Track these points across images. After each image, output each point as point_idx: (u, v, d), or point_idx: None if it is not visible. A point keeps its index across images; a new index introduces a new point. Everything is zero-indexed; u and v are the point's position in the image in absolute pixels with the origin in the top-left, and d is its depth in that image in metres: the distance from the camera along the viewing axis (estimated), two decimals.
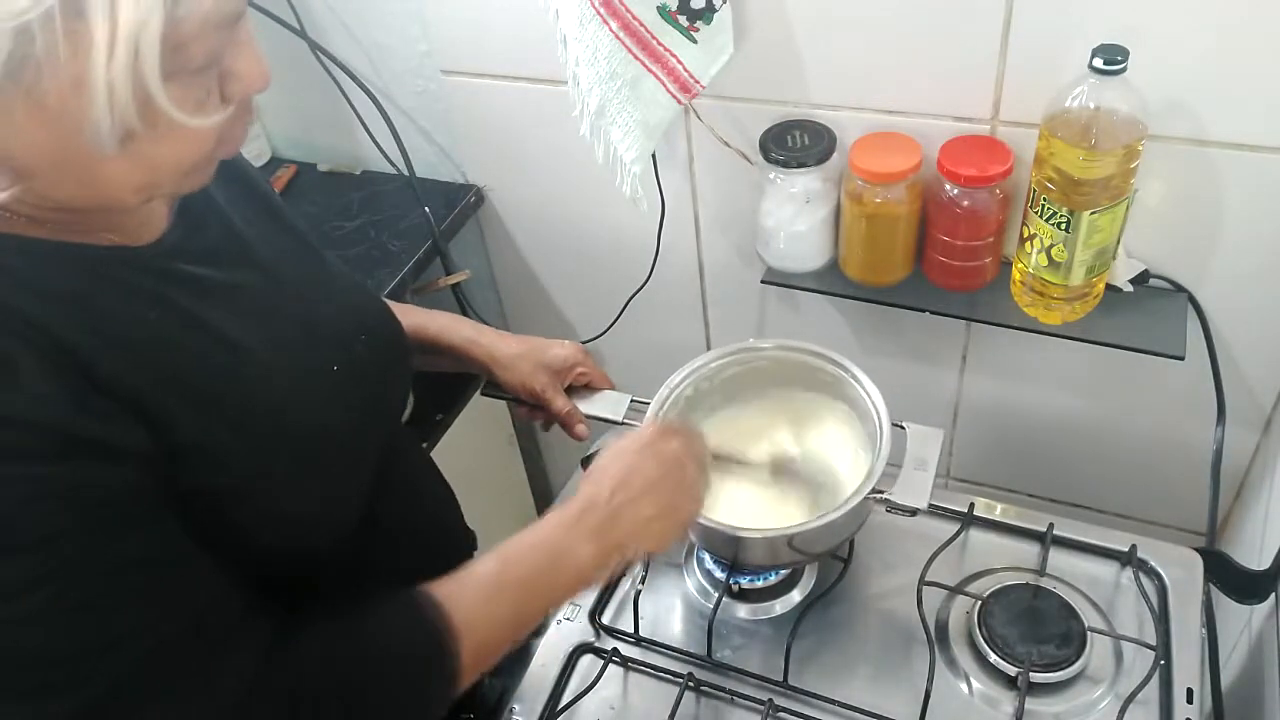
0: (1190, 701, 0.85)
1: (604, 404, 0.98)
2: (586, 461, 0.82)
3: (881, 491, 0.86)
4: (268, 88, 0.59)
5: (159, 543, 0.58)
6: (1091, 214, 0.96)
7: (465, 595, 0.68)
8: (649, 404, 0.95)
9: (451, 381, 1.41)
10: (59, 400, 0.54)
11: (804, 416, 0.99)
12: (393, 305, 0.89)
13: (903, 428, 0.89)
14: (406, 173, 1.40)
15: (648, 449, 0.80)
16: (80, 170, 0.54)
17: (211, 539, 0.62)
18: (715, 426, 1.00)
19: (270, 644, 0.61)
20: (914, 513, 0.85)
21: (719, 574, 0.96)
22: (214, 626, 0.59)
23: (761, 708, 0.88)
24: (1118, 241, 1.03)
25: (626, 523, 0.76)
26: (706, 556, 0.98)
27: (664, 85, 1.09)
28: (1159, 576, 0.95)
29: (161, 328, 0.62)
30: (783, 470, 0.96)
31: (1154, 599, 0.93)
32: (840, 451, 0.96)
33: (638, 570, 1.00)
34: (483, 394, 1.02)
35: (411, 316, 0.96)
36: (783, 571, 0.97)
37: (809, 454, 0.97)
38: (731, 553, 0.91)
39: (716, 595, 0.94)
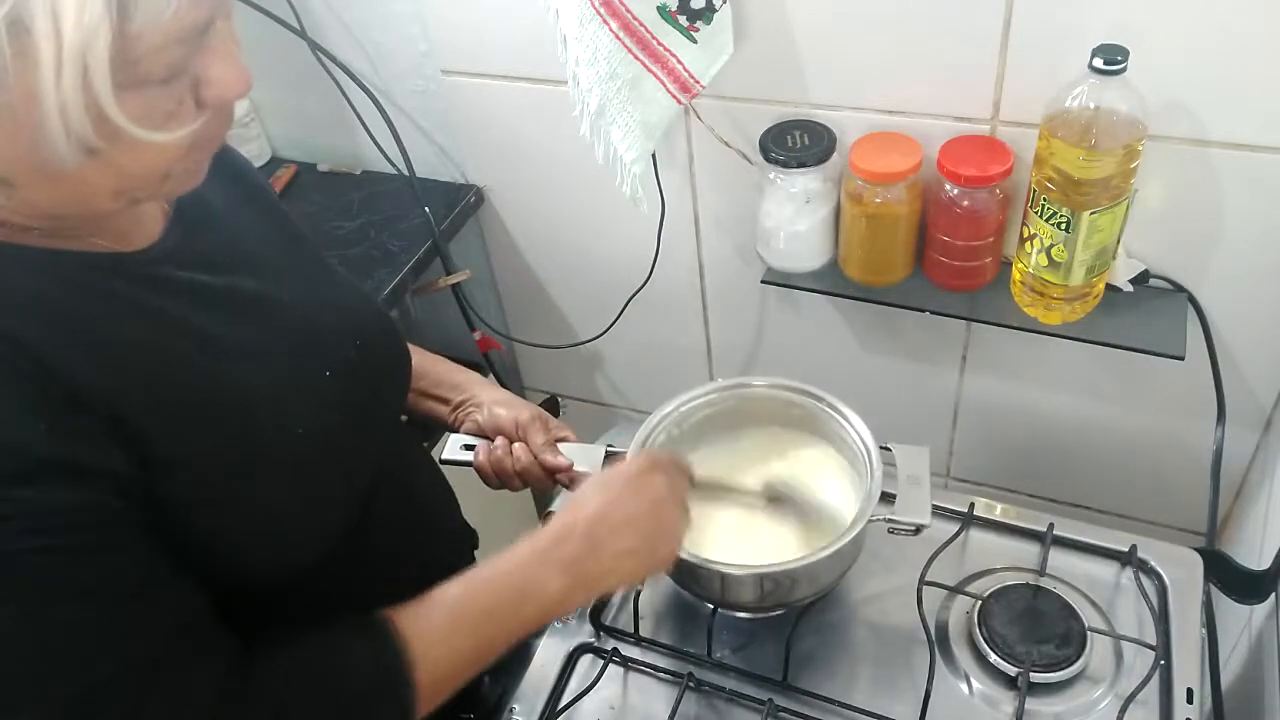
0: (1190, 701, 0.85)
1: (577, 456, 0.93)
2: (547, 518, 0.78)
3: (881, 516, 0.84)
4: (247, 93, 0.58)
5: (122, 569, 0.57)
6: (1091, 214, 0.96)
7: (426, 626, 0.67)
8: (624, 452, 0.92)
9: None
10: (27, 419, 0.53)
11: (783, 454, 0.97)
12: None
13: (889, 449, 0.89)
14: (406, 173, 1.40)
15: (632, 482, 0.78)
16: (55, 178, 0.53)
17: (194, 549, 0.61)
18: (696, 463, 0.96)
19: (228, 674, 0.60)
20: (918, 529, 0.84)
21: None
22: (173, 653, 0.58)
23: (761, 708, 0.88)
24: (1118, 241, 1.03)
25: (604, 557, 0.74)
26: None
27: (664, 85, 1.09)
28: (1159, 576, 0.95)
29: (147, 336, 0.61)
30: (778, 495, 0.92)
31: (1154, 599, 0.93)
32: (828, 486, 0.94)
33: None
34: (442, 461, 0.95)
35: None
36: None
37: (794, 491, 0.94)
38: (718, 592, 0.88)
39: None
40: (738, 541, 0.91)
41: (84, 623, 0.55)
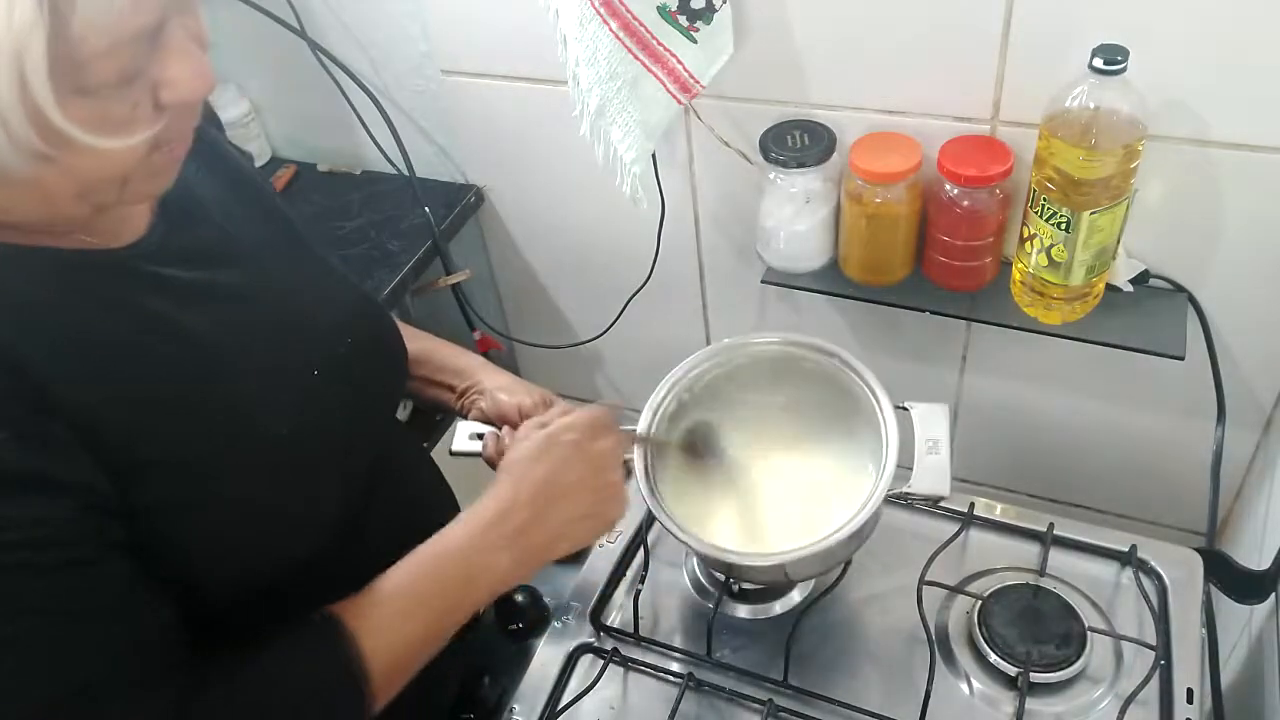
0: (1190, 701, 0.85)
1: None
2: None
3: (897, 490, 0.83)
4: (209, 93, 0.56)
5: (78, 588, 0.55)
6: (1091, 214, 0.96)
7: (375, 617, 0.66)
8: (633, 429, 0.91)
9: None
10: None
11: (796, 421, 0.96)
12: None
13: (906, 409, 0.87)
14: (406, 173, 1.40)
15: (571, 444, 0.77)
16: (13, 184, 0.51)
17: (184, 552, 0.61)
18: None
19: (182, 696, 0.58)
20: (938, 500, 0.82)
21: (720, 574, 0.95)
22: (131, 674, 0.57)
23: (761, 708, 0.88)
24: (1118, 241, 1.03)
25: (550, 525, 0.74)
26: None
27: (664, 85, 1.09)
28: (1159, 576, 0.95)
29: (129, 335, 0.61)
30: (699, 450, 0.92)
31: (1154, 599, 0.93)
32: (841, 453, 0.94)
33: (638, 570, 1.00)
34: (452, 453, 0.94)
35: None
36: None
37: (808, 460, 0.95)
38: (731, 574, 0.89)
39: (716, 595, 0.94)
40: (742, 529, 0.91)
41: (34, 641, 0.53)
